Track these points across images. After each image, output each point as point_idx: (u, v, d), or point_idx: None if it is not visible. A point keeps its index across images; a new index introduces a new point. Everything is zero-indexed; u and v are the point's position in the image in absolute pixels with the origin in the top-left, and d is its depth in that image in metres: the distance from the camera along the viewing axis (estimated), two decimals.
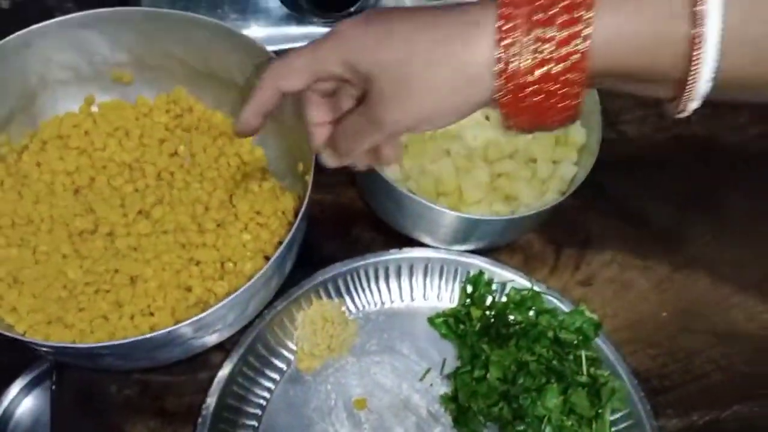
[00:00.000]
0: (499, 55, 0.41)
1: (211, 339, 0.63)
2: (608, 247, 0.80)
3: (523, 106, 0.42)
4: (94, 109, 0.73)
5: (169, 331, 0.56)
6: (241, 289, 0.57)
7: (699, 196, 0.84)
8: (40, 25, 0.66)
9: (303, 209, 0.60)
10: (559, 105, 0.42)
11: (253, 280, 0.58)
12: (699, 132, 0.89)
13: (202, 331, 0.59)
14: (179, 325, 0.56)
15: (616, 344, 0.70)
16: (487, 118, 0.80)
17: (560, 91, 0.41)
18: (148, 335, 0.56)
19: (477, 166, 0.75)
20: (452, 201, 0.73)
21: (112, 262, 0.64)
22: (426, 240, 0.74)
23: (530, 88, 0.41)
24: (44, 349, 0.59)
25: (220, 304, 0.57)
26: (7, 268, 0.64)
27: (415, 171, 0.74)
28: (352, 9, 0.77)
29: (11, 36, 0.65)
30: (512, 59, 0.41)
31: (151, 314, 0.63)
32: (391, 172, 0.74)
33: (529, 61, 0.40)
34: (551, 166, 0.76)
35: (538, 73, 0.41)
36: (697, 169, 0.87)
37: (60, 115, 0.72)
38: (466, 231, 0.71)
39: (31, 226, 0.66)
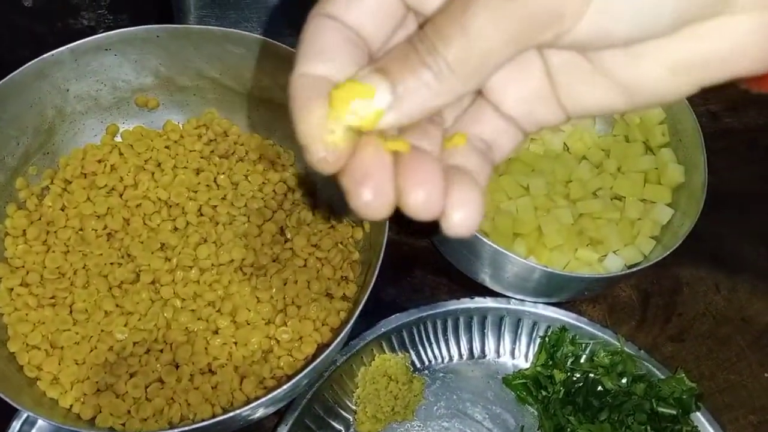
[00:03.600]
0: None
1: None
2: (701, 296, 0.73)
3: None
4: (118, 139, 0.66)
5: (238, 412, 0.49)
6: (331, 347, 0.50)
7: None
8: (54, 52, 0.58)
9: (383, 246, 0.53)
10: None
11: (341, 336, 0.51)
12: None
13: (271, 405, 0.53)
14: (255, 403, 0.49)
15: (713, 411, 0.64)
16: (567, 149, 0.74)
17: None
18: (219, 418, 0.49)
19: (558, 205, 0.68)
20: (530, 243, 0.67)
21: (162, 315, 0.57)
22: (496, 288, 0.67)
23: None
24: None
25: (302, 374, 0.50)
26: (41, 332, 0.56)
27: (489, 209, 0.67)
28: None
29: (22, 67, 0.57)
30: None
31: (212, 372, 0.56)
32: None
33: None
34: (641, 206, 0.69)
35: None
36: None
37: (81, 148, 0.64)
38: (549, 284, 0.64)
39: (64, 281, 0.58)
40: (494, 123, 0.30)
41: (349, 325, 0.52)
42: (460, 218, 0.26)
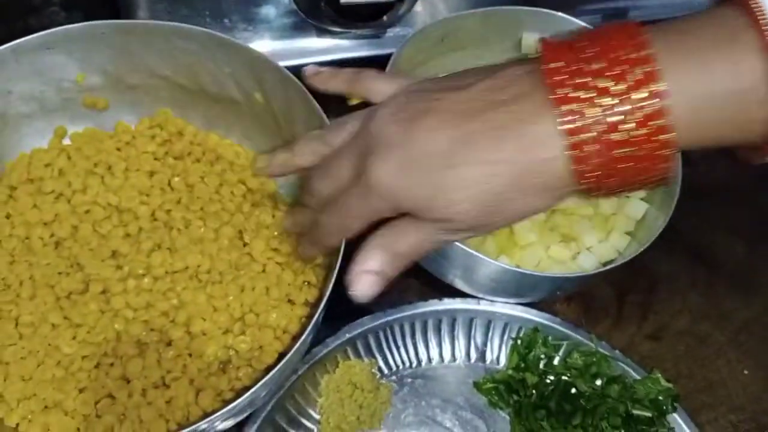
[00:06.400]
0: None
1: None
2: (677, 293, 0.71)
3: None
4: (66, 141, 0.63)
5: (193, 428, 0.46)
6: (287, 356, 0.47)
7: None
8: None
9: (342, 249, 0.51)
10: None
11: (299, 343, 0.48)
12: None
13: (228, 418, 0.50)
14: (209, 418, 0.46)
15: (691, 411, 0.61)
16: None
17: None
18: None
19: None
20: (501, 242, 0.64)
21: (112, 327, 0.54)
22: (467, 289, 0.64)
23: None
24: None
25: (258, 385, 0.47)
26: None
27: None
28: (384, 18, 0.66)
29: None
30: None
31: (167, 386, 0.54)
32: None
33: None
34: (615, 201, 0.67)
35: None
36: None
37: (27, 152, 0.61)
38: (520, 285, 0.62)
39: (9, 293, 0.55)
40: None
41: (307, 332, 0.49)
42: None
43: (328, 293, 0.50)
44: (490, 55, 0.73)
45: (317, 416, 0.59)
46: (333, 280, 0.50)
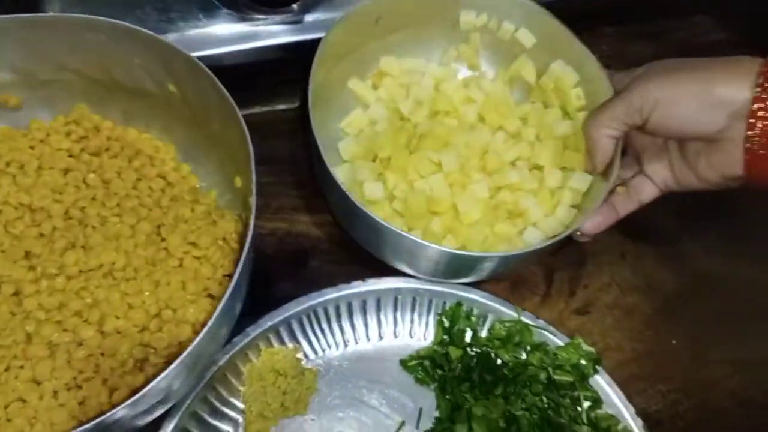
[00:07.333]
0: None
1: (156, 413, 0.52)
2: (606, 266, 0.70)
3: None
4: None
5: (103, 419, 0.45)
6: (192, 345, 0.46)
7: (706, 203, 0.70)
8: None
9: (250, 237, 0.49)
10: None
11: (204, 330, 0.47)
12: None
13: (145, 412, 0.48)
14: (115, 409, 0.45)
15: (621, 382, 0.61)
16: (482, 120, 0.70)
17: None
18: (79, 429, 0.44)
19: (474, 180, 0.65)
20: (446, 221, 0.63)
21: (21, 329, 0.53)
22: (410, 272, 0.63)
23: None
24: None
25: (165, 373, 0.46)
26: None
27: (400, 189, 0.64)
28: (294, 6, 0.65)
29: None
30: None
31: (79, 387, 0.52)
32: (371, 192, 0.63)
33: None
34: (560, 174, 0.66)
35: None
36: None
37: None
38: (459, 266, 0.60)
39: None
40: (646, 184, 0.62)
41: (213, 320, 0.47)
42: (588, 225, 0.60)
43: (234, 281, 0.48)
44: (428, 35, 0.72)
45: (242, 406, 0.58)
46: (240, 266, 0.49)
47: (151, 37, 0.56)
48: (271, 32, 0.66)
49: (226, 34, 0.65)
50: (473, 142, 0.67)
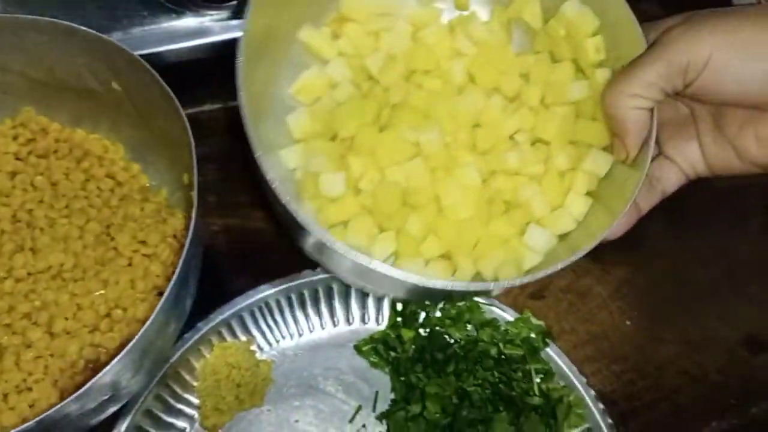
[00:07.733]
0: None
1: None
2: None
3: None
4: None
5: (46, 416, 0.44)
6: (135, 339, 0.45)
7: None
8: None
9: (191, 229, 0.49)
10: None
11: (147, 324, 0.46)
12: None
13: (95, 409, 0.48)
14: (59, 404, 0.44)
15: (577, 364, 0.61)
16: (472, 79, 0.57)
17: None
18: (22, 427, 0.44)
19: (461, 162, 0.53)
20: (427, 218, 0.53)
21: None
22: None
23: None
24: None
25: (109, 367, 0.45)
26: None
27: (368, 178, 0.53)
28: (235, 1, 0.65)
29: None
30: None
31: (29, 389, 0.52)
32: (330, 187, 0.53)
33: None
34: (572, 152, 0.54)
35: None
36: None
37: None
38: (439, 295, 0.56)
39: None
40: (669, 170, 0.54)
41: (154, 315, 0.47)
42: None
43: (176, 275, 0.48)
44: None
45: (196, 401, 0.58)
46: (183, 257, 0.48)
47: (92, 36, 0.56)
48: (218, 28, 0.65)
49: (172, 31, 0.65)
50: (461, 111, 0.54)
